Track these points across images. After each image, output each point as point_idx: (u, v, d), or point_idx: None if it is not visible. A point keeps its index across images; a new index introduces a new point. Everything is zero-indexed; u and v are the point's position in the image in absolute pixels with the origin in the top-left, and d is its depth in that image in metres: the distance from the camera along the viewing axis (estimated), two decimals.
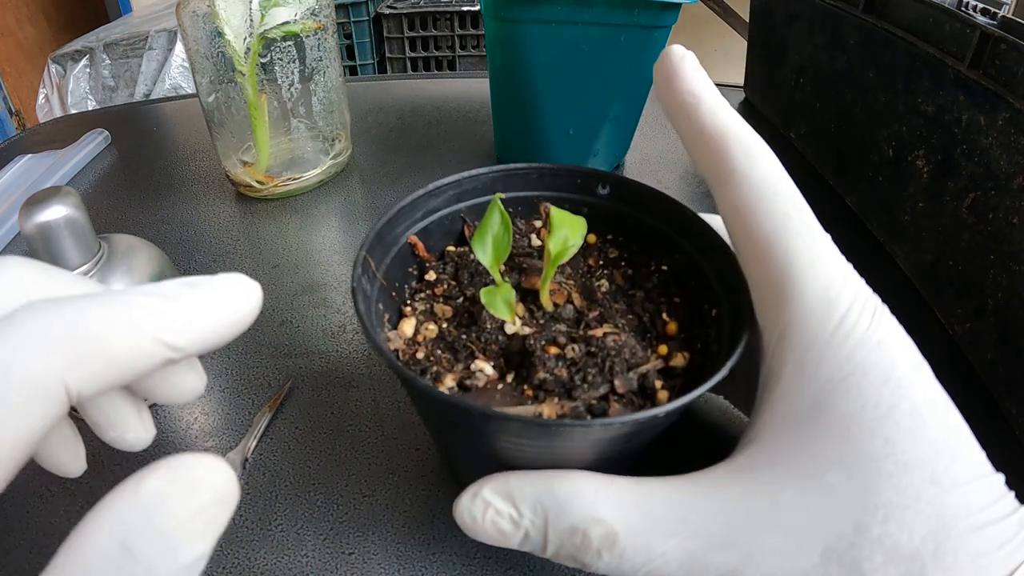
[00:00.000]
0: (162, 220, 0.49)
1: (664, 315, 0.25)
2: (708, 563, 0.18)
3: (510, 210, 0.29)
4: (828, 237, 0.21)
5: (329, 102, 0.50)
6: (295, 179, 0.50)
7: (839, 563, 0.17)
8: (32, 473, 0.31)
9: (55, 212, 0.28)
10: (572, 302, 0.25)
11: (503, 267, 0.27)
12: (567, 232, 0.24)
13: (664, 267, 0.27)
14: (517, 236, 0.29)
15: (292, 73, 0.47)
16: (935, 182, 0.38)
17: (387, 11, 1.50)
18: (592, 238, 0.29)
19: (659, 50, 0.46)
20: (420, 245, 0.27)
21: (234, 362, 0.36)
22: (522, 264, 0.27)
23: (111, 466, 0.30)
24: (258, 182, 0.49)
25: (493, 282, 0.25)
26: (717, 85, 0.23)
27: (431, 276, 0.27)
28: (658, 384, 0.23)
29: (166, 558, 0.13)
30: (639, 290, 0.27)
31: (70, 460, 0.20)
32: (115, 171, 0.56)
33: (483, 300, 0.23)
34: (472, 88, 0.70)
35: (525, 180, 0.29)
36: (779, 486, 0.18)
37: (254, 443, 0.31)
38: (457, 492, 0.20)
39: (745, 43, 0.65)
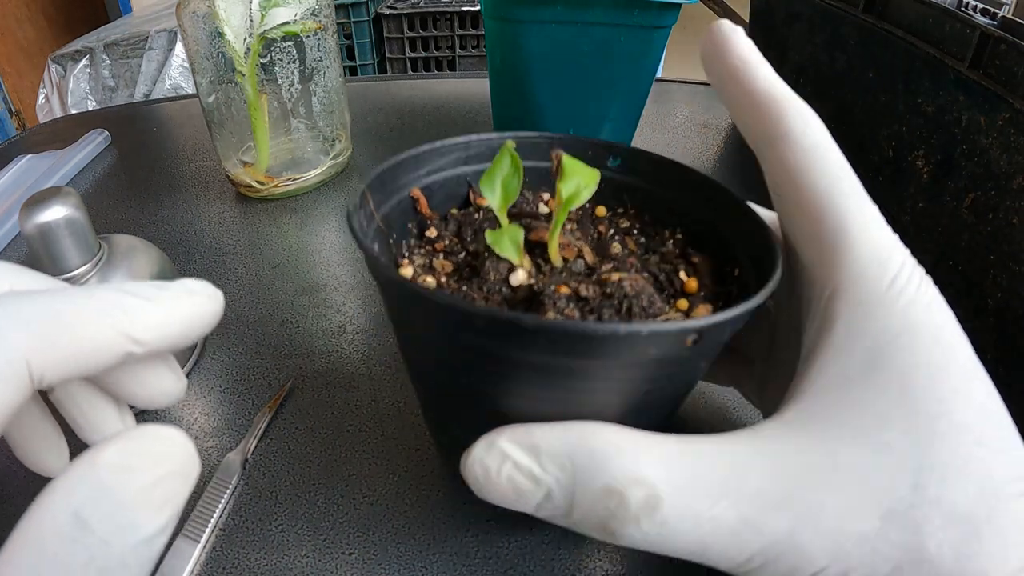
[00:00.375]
0: (162, 220, 0.49)
1: (682, 274, 0.24)
2: (762, 527, 0.16)
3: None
4: (875, 206, 0.21)
5: (329, 102, 0.50)
6: (295, 179, 0.50)
7: (900, 525, 0.16)
8: (32, 474, 0.31)
9: (55, 212, 0.28)
10: (583, 257, 0.24)
11: (509, 221, 0.25)
12: (579, 179, 0.23)
13: (679, 235, 0.26)
14: (524, 204, 0.28)
15: (292, 73, 0.47)
16: (935, 182, 0.38)
17: (387, 11, 1.50)
18: (602, 210, 0.28)
19: (659, 50, 0.46)
20: (423, 200, 0.26)
21: (234, 362, 0.36)
22: (529, 224, 0.26)
23: None
24: (258, 182, 0.49)
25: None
26: None
27: (432, 233, 0.26)
28: None
29: (124, 531, 0.13)
30: (653, 255, 0.25)
31: (52, 458, 0.20)
32: (115, 171, 0.56)
33: (489, 240, 0.22)
34: (472, 88, 0.70)
35: (535, 149, 0.28)
36: (835, 443, 0.17)
37: (254, 443, 0.31)
38: (460, 492, 0.20)
39: None
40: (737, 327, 0.19)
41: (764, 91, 0.22)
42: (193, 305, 0.18)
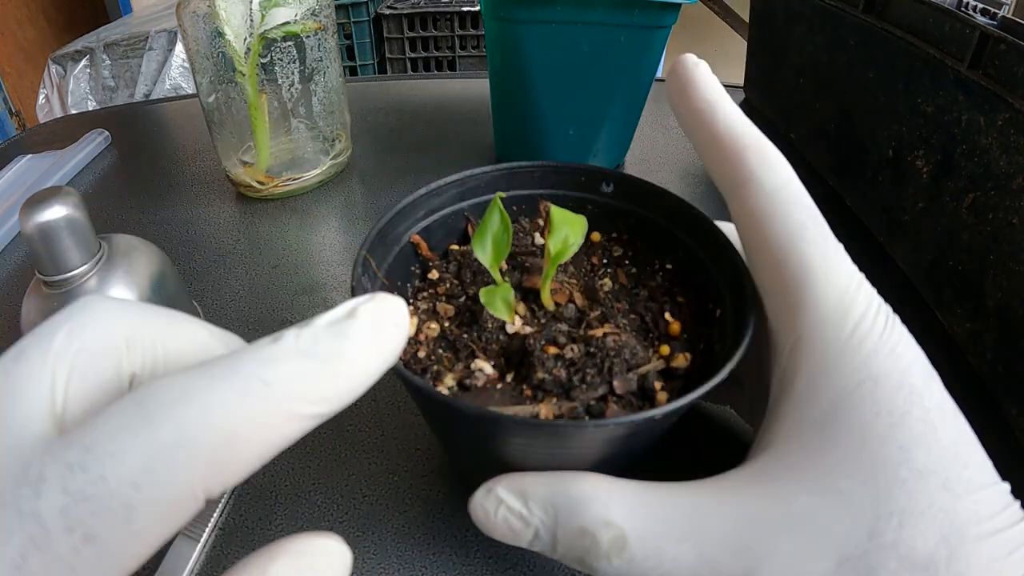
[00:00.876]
0: (162, 220, 0.49)
1: (667, 315, 0.25)
2: (719, 568, 0.18)
3: (513, 208, 0.29)
4: (841, 247, 0.21)
5: (329, 102, 0.50)
6: (295, 179, 0.50)
7: (854, 570, 0.17)
8: None
9: (55, 212, 0.28)
10: (574, 301, 0.25)
11: (505, 265, 0.27)
12: (568, 231, 0.24)
13: (668, 265, 0.27)
14: (520, 235, 0.29)
15: (292, 73, 0.47)
16: (935, 182, 0.38)
17: (387, 11, 1.50)
18: (596, 236, 0.29)
19: (659, 50, 0.46)
20: (423, 244, 0.27)
21: None
22: (524, 263, 0.27)
23: None
24: (258, 182, 0.49)
25: (495, 281, 0.25)
26: None
27: (434, 275, 0.27)
28: (658, 385, 0.22)
29: None
30: (643, 288, 0.26)
31: None
32: (115, 171, 0.56)
33: (483, 300, 0.23)
34: (472, 88, 0.70)
35: (529, 178, 0.29)
36: (794, 492, 0.18)
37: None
38: (460, 492, 0.20)
39: (745, 43, 0.65)
40: (684, 409, 0.20)
41: (727, 133, 0.21)
42: (380, 345, 0.15)
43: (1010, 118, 0.32)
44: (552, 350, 0.23)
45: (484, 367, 0.23)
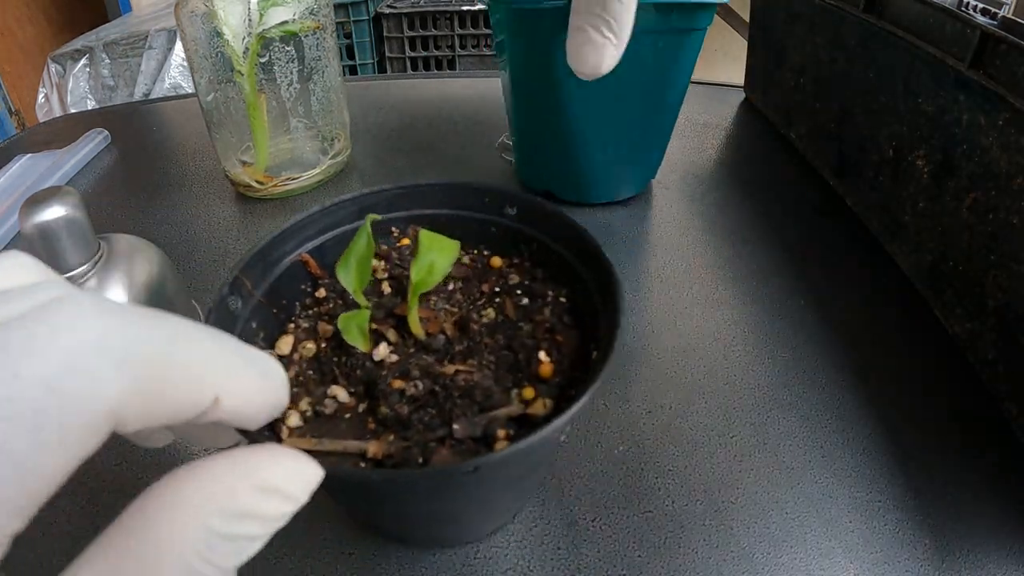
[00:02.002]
0: (162, 220, 0.49)
1: (542, 353, 0.23)
2: None
3: (411, 230, 0.28)
4: None
5: (328, 102, 0.50)
6: (294, 179, 0.50)
7: None
8: None
9: (55, 212, 0.28)
10: (445, 332, 0.24)
11: (389, 288, 0.26)
12: (434, 257, 0.23)
13: (563, 299, 0.26)
14: (410, 255, 0.27)
15: (291, 73, 0.47)
16: (935, 182, 0.38)
17: (387, 10, 1.49)
18: (497, 261, 0.28)
19: (694, 54, 0.43)
20: (312, 262, 0.26)
21: None
22: (403, 287, 0.26)
23: (110, 465, 0.30)
24: (257, 182, 0.49)
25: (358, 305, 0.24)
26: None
27: (321, 293, 0.26)
28: (502, 433, 0.21)
29: (238, 556, 0.13)
30: (527, 323, 0.25)
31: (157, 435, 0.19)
32: (115, 171, 0.56)
33: (340, 326, 0.22)
34: (472, 88, 0.70)
35: (430, 197, 0.28)
36: None
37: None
38: None
39: (745, 43, 0.65)
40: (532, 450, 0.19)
41: None
42: (273, 390, 0.16)
43: (1011, 118, 0.32)
44: (398, 384, 0.22)
45: (339, 394, 0.22)
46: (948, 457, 0.31)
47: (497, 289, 0.27)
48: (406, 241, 0.28)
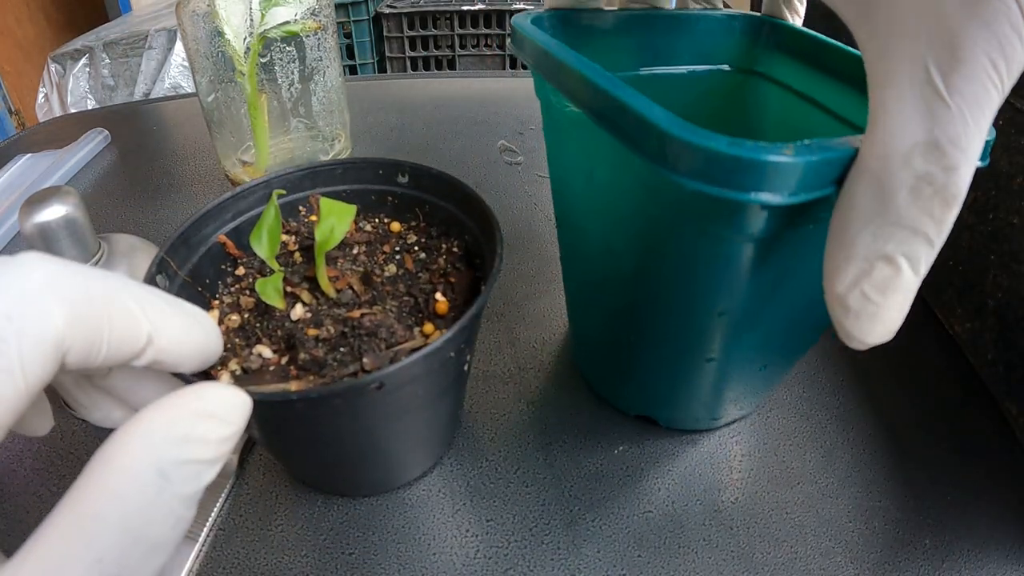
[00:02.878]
0: (162, 220, 0.49)
1: (437, 294, 0.27)
2: None
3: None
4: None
5: (329, 102, 0.50)
6: None
7: None
8: (32, 473, 0.31)
9: (55, 212, 0.28)
10: (351, 287, 0.27)
11: (300, 258, 0.29)
12: (334, 220, 0.26)
13: (455, 248, 0.29)
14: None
15: (292, 73, 0.47)
16: None
17: (387, 10, 1.49)
18: (396, 226, 0.31)
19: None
20: (230, 243, 0.29)
21: None
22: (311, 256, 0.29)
23: None
24: None
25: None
26: None
27: (240, 271, 0.28)
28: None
29: (196, 481, 0.14)
30: (425, 272, 0.28)
31: (38, 420, 0.20)
32: (115, 171, 0.56)
33: (257, 289, 0.25)
34: (472, 88, 0.70)
35: (331, 176, 0.31)
36: None
37: (253, 442, 0.31)
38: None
39: None
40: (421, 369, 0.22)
41: None
42: (205, 334, 0.18)
43: (1010, 118, 0.32)
44: (312, 332, 0.24)
45: (264, 351, 0.24)
46: (948, 457, 0.31)
47: (397, 249, 0.30)
48: (313, 218, 0.31)
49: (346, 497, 0.29)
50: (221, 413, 0.15)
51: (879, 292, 0.18)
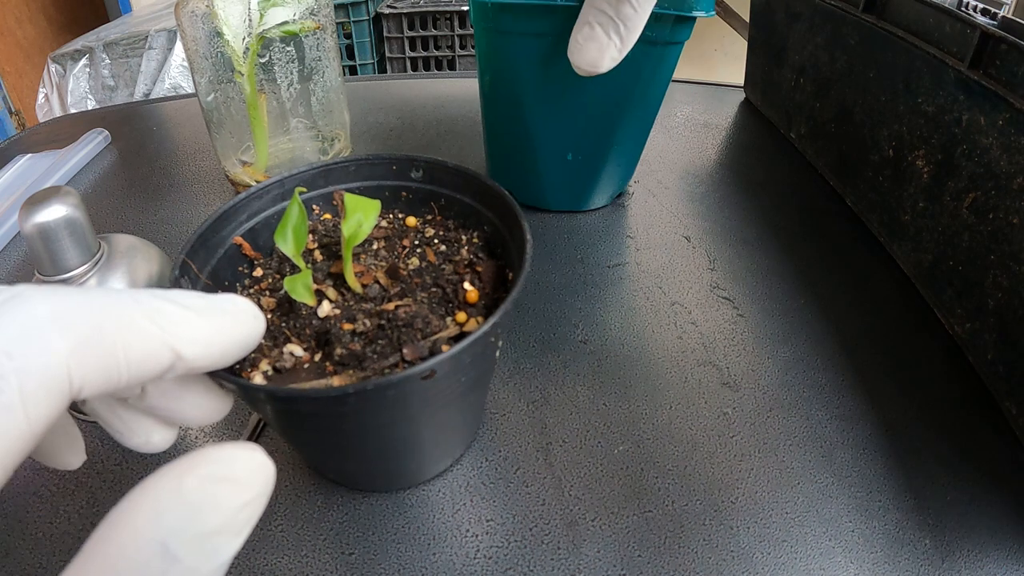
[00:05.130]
0: (162, 220, 0.49)
1: (466, 283, 0.27)
2: None
3: (333, 203, 0.31)
4: None
5: (328, 102, 0.50)
6: None
7: None
8: (32, 473, 0.31)
9: (55, 212, 0.28)
10: (378, 282, 0.27)
11: (320, 256, 0.28)
12: (360, 216, 0.26)
13: (476, 239, 0.29)
14: (335, 226, 0.30)
15: (291, 73, 0.47)
16: (935, 182, 0.38)
17: (387, 11, 1.49)
18: (412, 221, 0.31)
19: (670, 69, 0.42)
20: (246, 245, 0.28)
21: None
22: (339, 252, 0.29)
23: (110, 465, 0.30)
24: (257, 182, 0.49)
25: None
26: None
27: (259, 272, 0.28)
28: (446, 348, 0.23)
29: (208, 557, 0.13)
30: (448, 263, 0.28)
31: (70, 453, 0.19)
32: (115, 171, 0.56)
33: (286, 287, 0.25)
34: (472, 88, 0.70)
35: (344, 173, 0.31)
36: None
37: (252, 442, 0.31)
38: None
39: (745, 43, 0.65)
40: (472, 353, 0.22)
41: None
42: (237, 323, 0.17)
43: (1010, 118, 0.32)
44: (348, 326, 0.24)
45: (295, 350, 0.24)
46: (948, 457, 0.31)
47: (417, 242, 0.30)
48: (328, 216, 0.31)
49: (372, 492, 0.29)
50: (236, 474, 0.14)
51: (585, 40, 0.33)
